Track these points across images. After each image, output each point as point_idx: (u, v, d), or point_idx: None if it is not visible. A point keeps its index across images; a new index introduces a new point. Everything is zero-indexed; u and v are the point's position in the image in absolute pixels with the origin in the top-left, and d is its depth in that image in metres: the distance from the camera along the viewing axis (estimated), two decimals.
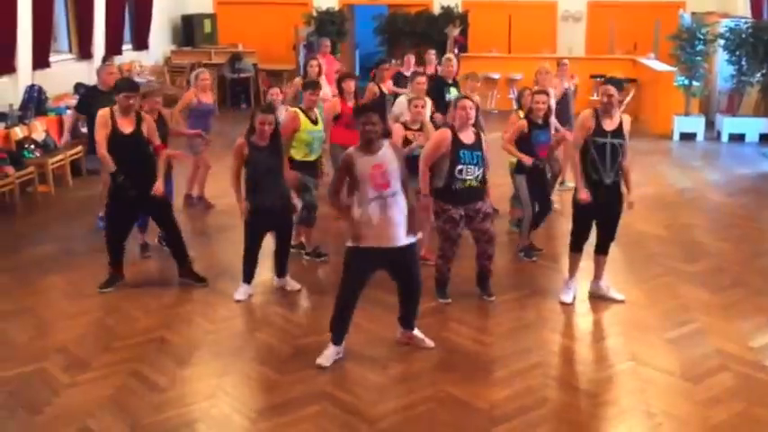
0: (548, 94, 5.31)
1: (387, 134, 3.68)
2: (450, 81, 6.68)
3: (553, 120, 5.61)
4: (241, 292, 4.64)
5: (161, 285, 4.83)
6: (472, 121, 4.36)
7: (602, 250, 4.57)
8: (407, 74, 7.07)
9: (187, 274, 4.84)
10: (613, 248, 5.21)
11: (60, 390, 3.59)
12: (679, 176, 7.89)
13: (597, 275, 4.64)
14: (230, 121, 9.64)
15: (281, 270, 4.76)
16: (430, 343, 3.98)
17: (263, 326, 4.32)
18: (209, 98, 6.34)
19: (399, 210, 3.66)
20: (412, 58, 7.75)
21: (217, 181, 6.52)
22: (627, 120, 4.39)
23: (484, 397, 3.54)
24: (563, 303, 4.55)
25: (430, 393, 3.56)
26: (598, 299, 4.65)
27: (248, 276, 4.65)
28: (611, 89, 4.27)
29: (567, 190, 6.25)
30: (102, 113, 4.54)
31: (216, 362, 3.88)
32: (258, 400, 3.53)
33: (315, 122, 5.08)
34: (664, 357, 3.93)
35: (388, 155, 3.65)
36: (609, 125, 4.31)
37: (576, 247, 4.59)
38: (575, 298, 4.61)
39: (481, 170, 4.34)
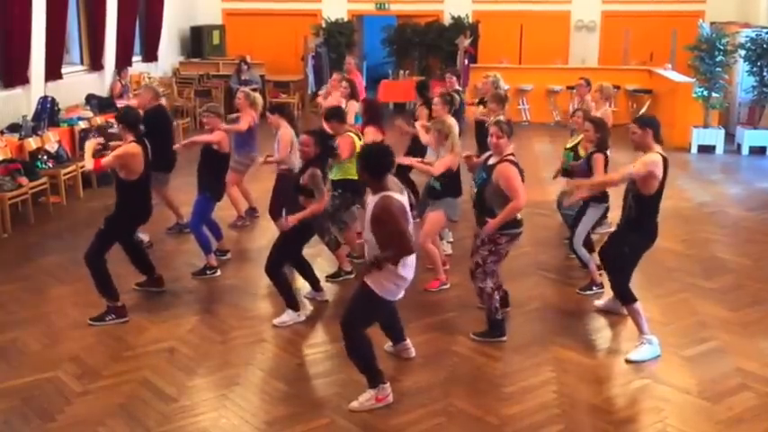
0: None
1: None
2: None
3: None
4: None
5: (170, 296, 4.82)
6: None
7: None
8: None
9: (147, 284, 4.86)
10: None
11: (73, 398, 3.60)
12: (697, 190, 7.75)
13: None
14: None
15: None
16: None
17: (272, 337, 4.29)
18: (238, 119, 6.14)
19: None
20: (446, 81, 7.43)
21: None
22: (642, 159, 3.87)
23: (495, 412, 3.49)
24: (629, 361, 3.97)
25: (440, 408, 3.52)
26: (613, 314, 4.56)
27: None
28: (634, 127, 3.92)
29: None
30: None
31: (225, 372, 3.86)
32: (267, 412, 3.50)
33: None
34: (681, 375, 3.85)
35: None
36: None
37: (633, 296, 4.05)
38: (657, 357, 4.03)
39: None
